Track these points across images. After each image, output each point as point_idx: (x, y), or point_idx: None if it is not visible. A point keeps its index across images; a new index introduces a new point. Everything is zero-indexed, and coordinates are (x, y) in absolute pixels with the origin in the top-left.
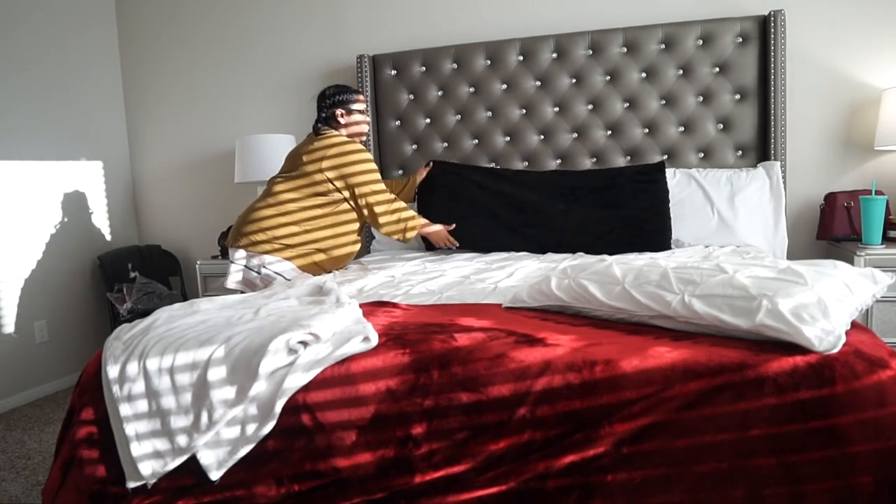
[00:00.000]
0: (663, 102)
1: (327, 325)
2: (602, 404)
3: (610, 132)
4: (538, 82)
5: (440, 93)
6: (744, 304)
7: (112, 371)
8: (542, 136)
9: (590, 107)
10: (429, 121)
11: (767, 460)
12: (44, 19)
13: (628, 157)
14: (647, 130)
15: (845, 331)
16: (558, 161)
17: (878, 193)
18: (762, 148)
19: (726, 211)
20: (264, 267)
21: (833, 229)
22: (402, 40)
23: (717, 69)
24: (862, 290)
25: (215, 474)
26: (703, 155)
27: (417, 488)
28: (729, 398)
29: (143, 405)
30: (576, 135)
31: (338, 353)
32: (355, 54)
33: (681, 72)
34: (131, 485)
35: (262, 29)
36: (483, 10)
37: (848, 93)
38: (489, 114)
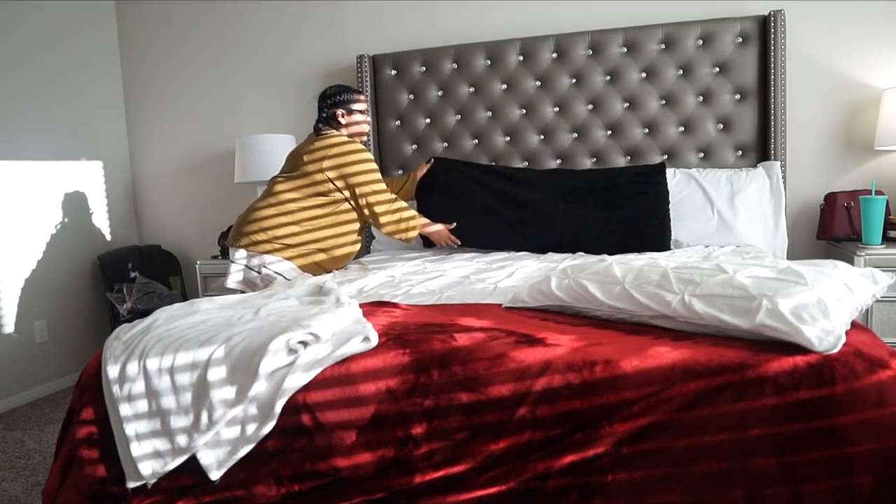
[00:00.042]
0: (663, 102)
1: (327, 325)
2: (602, 404)
3: (610, 132)
4: (538, 82)
5: (440, 93)
6: (744, 304)
7: (112, 371)
8: (542, 136)
9: (590, 107)
10: (429, 121)
11: (767, 460)
12: (44, 19)
13: (628, 157)
14: (647, 130)
15: (845, 331)
16: (558, 161)
17: (878, 193)
18: (762, 148)
19: (726, 211)
20: (265, 267)
21: (833, 229)
22: (402, 40)
23: (717, 69)
24: (862, 290)
25: (215, 474)
26: (703, 155)
27: (417, 488)
28: (729, 398)
29: (143, 405)
30: (576, 135)
31: (338, 353)
32: (355, 54)
33: (681, 72)
34: (131, 485)
35: (262, 29)
36: (483, 10)
37: (848, 93)
38: (489, 114)
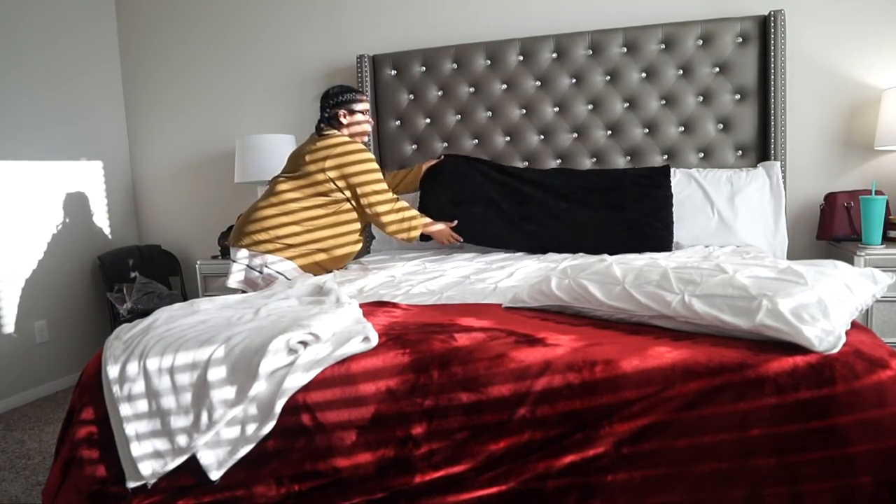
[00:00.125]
0: (663, 102)
1: (327, 325)
2: (602, 404)
3: (610, 132)
4: (538, 82)
5: (440, 93)
6: (744, 304)
7: (112, 371)
8: (542, 136)
9: (590, 107)
10: (429, 121)
11: (767, 460)
12: (44, 19)
13: (628, 158)
14: (647, 130)
15: (845, 331)
16: (558, 161)
17: (878, 193)
18: (762, 148)
19: (726, 211)
20: (266, 266)
21: (833, 229)
22: (402, 40)
23: (717, 69)
24: (862, 290)
25: (215, 474)
26: (703, 155)
27: (417, 488)
28: (729, 398)
29: (143, 405)
30: (576, 135)
31: (338, 353)
32: (355, 54)
33: (681, 72)
34: (131, 485)
35: (262, 29)
36: (483, 10)
37: (848, 93)
38: (489, 114)
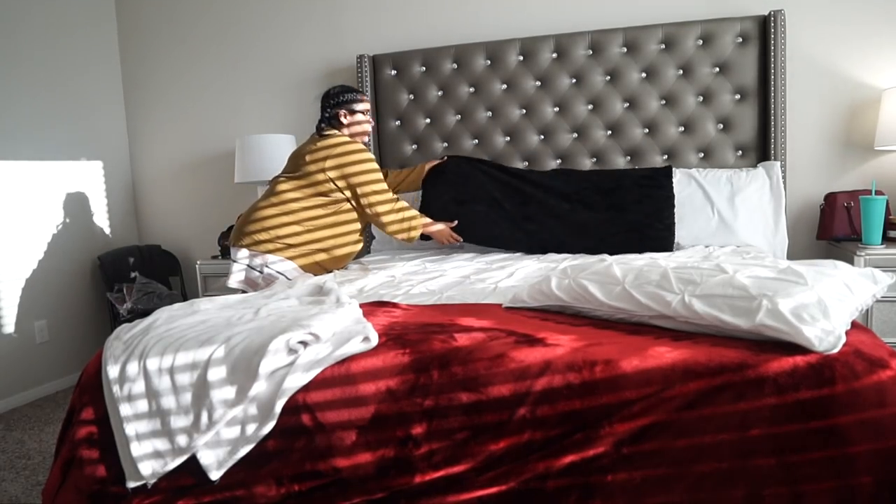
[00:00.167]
0: (663, 102)
1: (327, 325)
2: (602, 404)
3: (610, 132)
4: (538, 82)
5: (440, 93)
6: (744, 304)
7: (112, 371)
8: (542, 136)
9: (590, 107)
10: (429, 121)
11: (767, 460)
12: (44, 19)
13: (628, 158)
14: (647, 130)
15: (845, 331)
16: (558, 161)
17: (878, 193)
18: (762, 148)
19: (726, 211)
20: (267, 266)
21: (833, 229)
22: (402, 40)
23: (717, 69)
24: (862, 290)
25: (215, 474)
26: (703, 155)
27: (417, 488)
28: (729, 398)
29: (143, 405)
30: (576, 135)
31: (338, 353)
32: (355, 54)
33: (681, 72)
34: (131, 485)
35: (262, 29)
36: (483, 10)
37: (848, 93)
38: (489, 114)
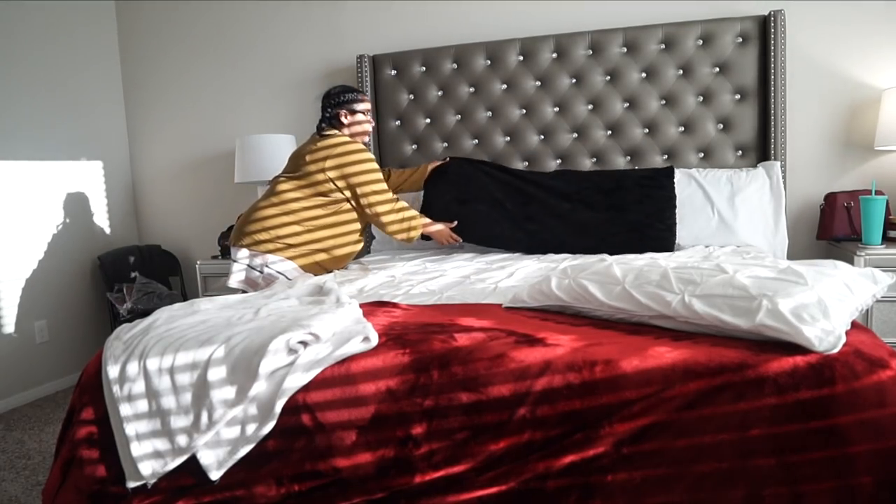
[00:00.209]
0: (663, 102)
1: (327, 325)
2: (602, 404)
3: (610, 132)
4: (538, 82)
5: (440, 93)
6: (744, 304)
7: (112, 371)
8: (542, 136)
9: (590, 107)
10: (429, 121)
11: (767, 460)
12: (43, 19)
13: (628, 158)
14: (647, 130)
15: (845, 331)
16: (558, 161)
17: (878, 193)
18: (762, 148)
19: (726, 211)
20: (267, 266)
21: (833, 229)
22: (401, 40)
23: (717, 69)
24: (862, 290)
25: (215, 474)
26: (703, 155)
27: (417, 488)
28: (729, 398)
29: (143, 405)
30: (576, 135)
31: (338, 353)
32: (355, 54)
33: (681, 72)
34: (131, 485)
35: (262, 29)
36: (483, 10)
37: (848, 93)
38: (489, 114)
